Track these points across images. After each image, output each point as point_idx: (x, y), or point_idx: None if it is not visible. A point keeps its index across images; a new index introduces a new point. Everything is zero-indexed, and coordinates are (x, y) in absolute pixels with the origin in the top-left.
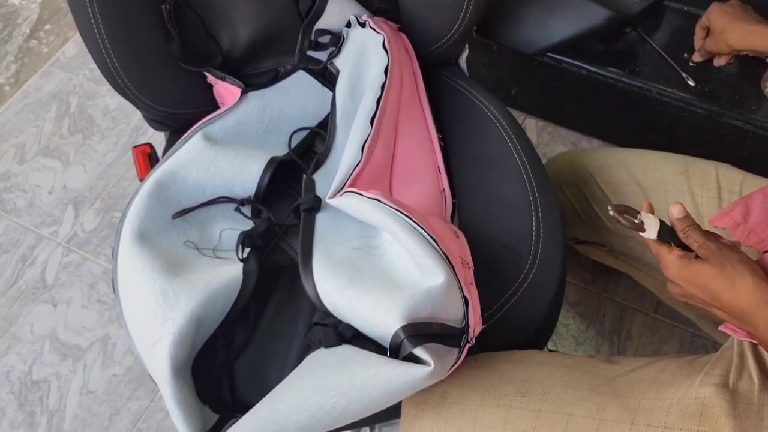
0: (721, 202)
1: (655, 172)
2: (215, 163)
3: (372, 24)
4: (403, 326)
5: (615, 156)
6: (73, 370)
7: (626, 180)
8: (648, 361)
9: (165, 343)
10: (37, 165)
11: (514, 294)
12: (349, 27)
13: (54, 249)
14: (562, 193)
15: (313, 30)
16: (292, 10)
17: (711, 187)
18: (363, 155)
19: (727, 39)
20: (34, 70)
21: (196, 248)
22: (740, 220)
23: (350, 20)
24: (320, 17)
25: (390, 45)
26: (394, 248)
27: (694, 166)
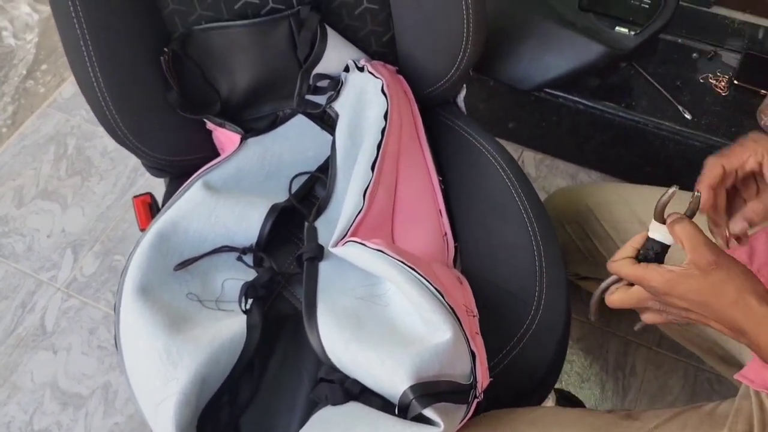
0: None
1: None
2: (216, 212)
3: (370, 68)
4: (412, 386)
5: (615, 192)
6: (75, 419)
7: (627, 217)
8: (669, 415)
9: (169, 403)
10: (35, 208)
11: (520, 341)
12: (347, 71)
13: (53, 294)
14: (563, 230)
15: (311, 75)
16: (291, 56)
17: None
18: (365, 202)
19: None
20: (31, 111)
21: (198, 300)
22: (746, 261)
23: (348, 64)
24: (319, 62)
25: (389, 89)
26: (398, 297)
27: None
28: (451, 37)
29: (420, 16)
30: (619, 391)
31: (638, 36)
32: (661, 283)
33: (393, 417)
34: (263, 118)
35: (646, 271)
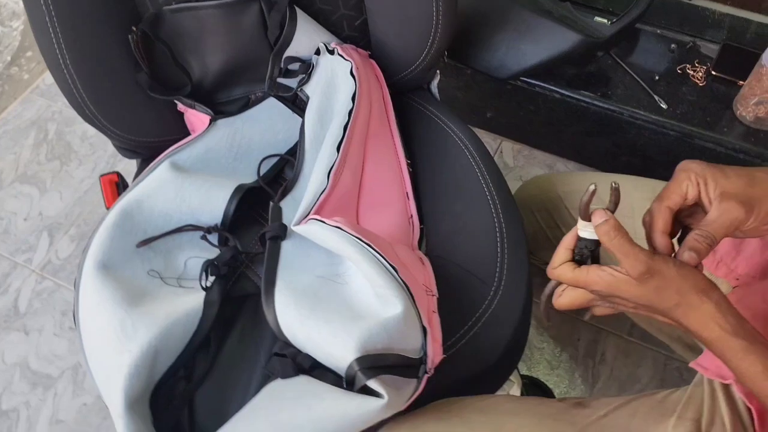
0: None
1: (624, 200)
2: (182, 192)
3: (340, 51)
4: (358, 358)
5: (586, 180)
6: (43, 399)
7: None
8: (620, 402)
9: (120, 375)
10: (13, 192)
11: (478, 320)
12: (318, 54)
13: (28, 276)
14: (533, 217)
15: (282, 58)
16: (261, 38)
17: None
18: (329, 182)
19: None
20: (14, 97)
21: (159, 277)
22: None
23: (319, 47)
24: (289, 45)
25: (358, 72)
26: (358, 276)
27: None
28: (421, 21)
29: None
30: (588, 379)
31: (614, 25)
32: (604, 287)
33: (340, 389)
34: (235, 101)
35: (588, 276)
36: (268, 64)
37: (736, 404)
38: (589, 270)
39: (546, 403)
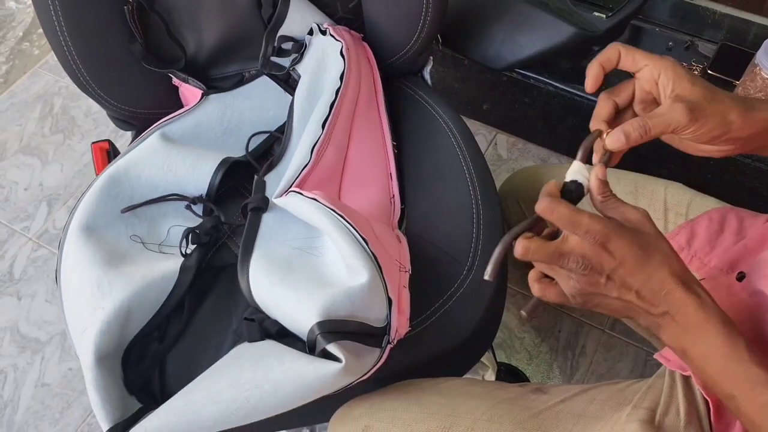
0: (666, 224)
1: None
2: (169, 161)
3: (332, 32)
4: (319, 322)
5: None
6: (31, 362)
7: None
8: (579, 389)
9: (92, 331)
10: (16, 162)
11: (449, 299)
12: (311, 35)
13: (24, 244)
14: (518, 207)
15: (276, 36)
16: (256, 16)
17: (658, 209)
18: (312, 157)
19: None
20: (24, 71)
21: (141, 243)
22: (684, 245)
23: (312, 28)
24: (282, 24)
25: (348, 52)
26: (332, 249)
27: (644, 186)
28: (411, 5)
29: None
30: (566, 370)
31: (609, 19)
32: (597, 231)
33: (301, 353)
34: (229, 77)
35: (582, 215)
36: (262, 42)
37: (694, 395)
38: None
39: (505, 388)
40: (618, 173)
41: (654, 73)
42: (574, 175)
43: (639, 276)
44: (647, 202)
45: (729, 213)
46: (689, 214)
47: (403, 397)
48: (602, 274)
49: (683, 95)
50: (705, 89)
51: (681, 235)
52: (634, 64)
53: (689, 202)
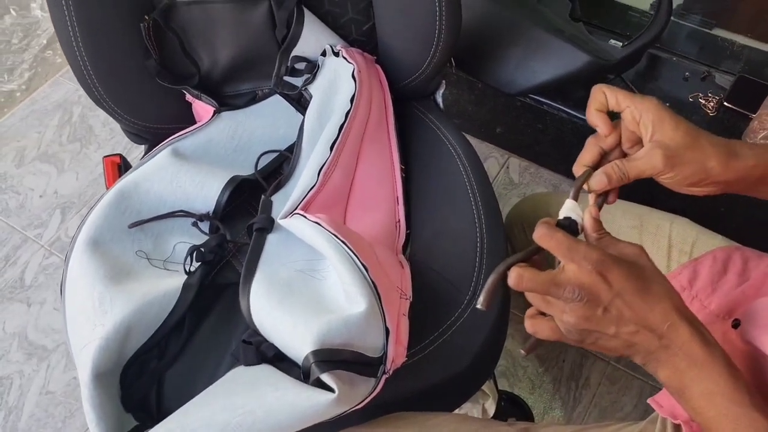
0: (669, 261)
1: (611, 225)
2: (178, 178)
3: (345, 54)
4: (314, 351)
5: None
6: (37, 369)
7: None
8: (570, 430)
9: (91, 347)
10: (33, 169)
11: (449, 328)
12: (324, 56)
13: (37, 251)
14: (524, 235)
15: (290, 56)
16: (270, 36)
17: (662, 245)
18: (319, 179)
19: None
20: (46, 79)
21: (146, 258)
22: (686, 285)
23: (326, 49)
24: (296, 44)
25: (360, 75)
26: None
27: (649, 221)
28: (425, 30)
29: (397, 7)
30: (569, 402)
31: (625, 48)
32: (595, 259)
33: (295, 380)
34: (242, 95)
35: (580, 243)
36: (276, 61)
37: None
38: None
39: (492, 426)
40: (624, 206)
41: (636, 114)
42: (567, 212)
43: (639, 308)
44: (652, 238)
45: (734, 253)
46: (693, 252)
47: (388, 426)
48: (599, 306)
49: (662, 141)
50: (686, 134)
51: (683, 275)
52: (617, 104)
53: (694, 240)
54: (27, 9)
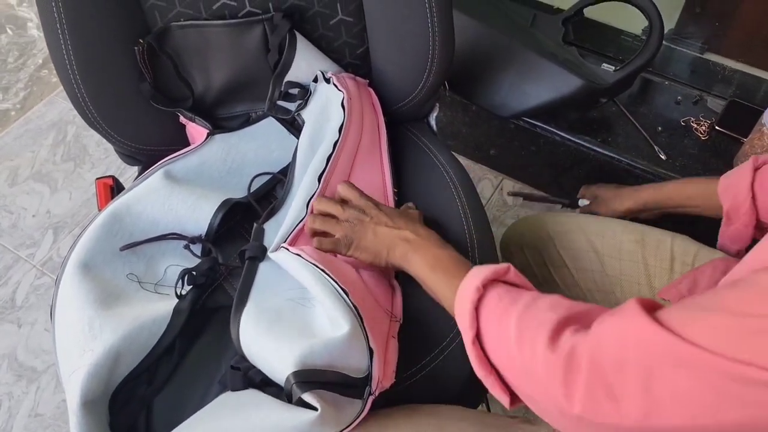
0: (672, 273)
1: (612, 240)
2: (170, 200)
3: (335, 81)
4: (294, 372)
5: (576, 222)
6: (26, 391)
7: (584, 246)
8: None
9: (80, 374)
10: (26, 188)
11: (441, 353)
12: (316, 81)
13: (28, 271)
14: (521, 254)
15: (283, 81)
16: (263, 60)
17: (664, 258)
18: (307, 211)
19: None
20: (41, 98)
21: (138, 281)
22: (685, 293)
23: (317, 75)
24: (288, 70)
25: (350, 102)
26: None
27: (650, 236)
28: (417, 55)
29: (391, 32)
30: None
31: (617, 72)
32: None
33: (279, 402)
34: (236, 118)
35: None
36: (269, 85)
37: None
38: None
39: (493, 416)
40: (624, 224)
41: None
42: None
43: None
44: (654, 251)
45: (732, 263)
46: (695, 264)
47: (395, 414)
48: (367, 215)
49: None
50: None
51: (683, 284)
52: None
53: (696, 253)
54: (23, 28)
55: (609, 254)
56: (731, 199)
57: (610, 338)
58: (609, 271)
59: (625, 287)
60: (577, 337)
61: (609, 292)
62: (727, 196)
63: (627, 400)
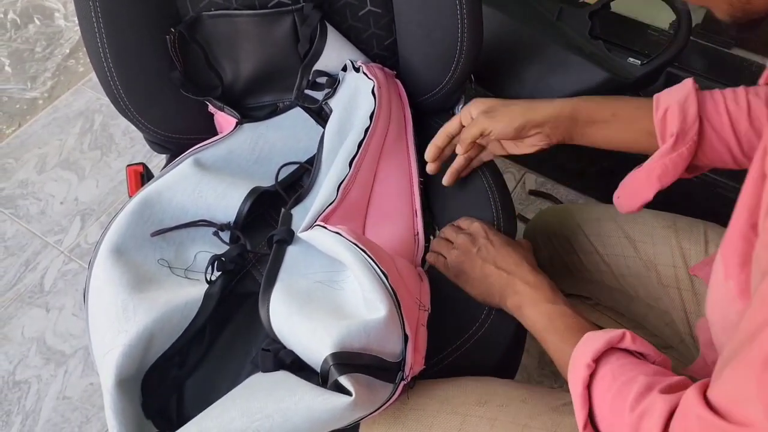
0: (708, 256)
1: (643, 226)
2: (200, 188)
3: (365, 69)
4: (333, 353)
5: (605, 210)
6: (54, 374)
7: (614, 232)
8: None
9: (115, 354)
10: (54, 176)
11: (467, 341)
12: (345, 71)
13: (56, 257)
14: (549, 243)
15: (311, 71)
16: (293, 50)
17: (699, 241)
18: (338, 195)
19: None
20: (68, 87)
21: (168, 267)
22: None
23: (347, 64)
24: (318, 59)
25: (380, 91)
26: (353, 283)
27: (682, 221)
28: (445, 46)
29: (419, 23)
30: None
31: (643, 66)
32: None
33: (312, 385)
34: (264, 107)
35: None
36: (297, 75)
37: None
38: None
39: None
40: (654, 212)
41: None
42: None
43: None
44: (687, 235)
45: None
46: None
47: (441, 381)
48: (475, 245)
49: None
50: (501, 101)
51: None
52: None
53: None
54: (51, 18)
55: (641, 239)
56: (681, 119)
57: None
58: (643, 256)
59: (661, 271)
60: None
61: (644, 276)
62: (674, 116)
63: None
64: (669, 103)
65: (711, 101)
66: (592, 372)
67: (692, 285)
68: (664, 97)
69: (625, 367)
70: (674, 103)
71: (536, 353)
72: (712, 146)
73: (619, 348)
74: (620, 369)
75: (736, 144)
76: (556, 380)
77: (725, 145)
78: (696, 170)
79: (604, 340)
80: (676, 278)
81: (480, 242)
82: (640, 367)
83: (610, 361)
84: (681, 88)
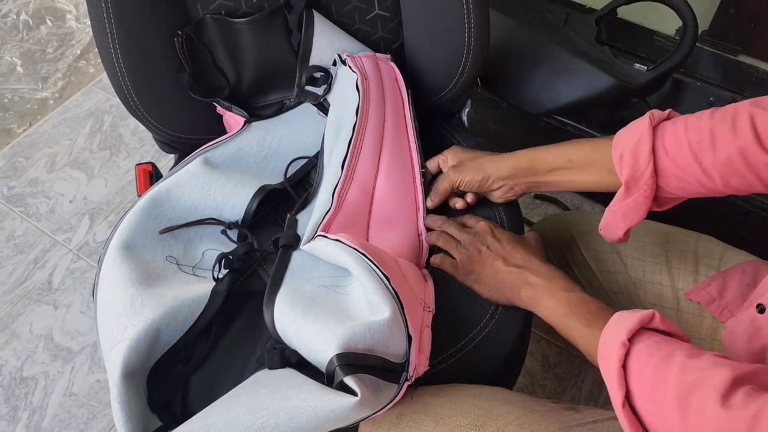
0: (697, 275)
1: (635, 242)
2: (209, 186)
3: (349, 62)
4: (338, 354)
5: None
6: (61, 371)
7: (607, 248)
8: (613, 415)
9: (122, 347)
10: (64, 175)
11: (470, 341)
12: (335, 65)
13: (65, 255)
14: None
15: (308, 65)
16: (288, 46)
17: (689, 260)
18: (333, 202)
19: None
20: (78, 87)
21: (176, 264)
22: (716, 296)
23: (335, 58)
24: (311, 51)
25: (365, 83)
26: (357, 288)
27: (674, 238)
28: (452, 50)
29: (427, 28)
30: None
31: (649, 72)
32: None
33: (318, 384)
34: (270, 106)
35: None
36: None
37: None
38: None
39: (538, 401)
40: (649, 225)
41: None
42: None
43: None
44: (678, 253)
45: (762, 267)
46: (721, 267)
47: (440, 393)
48: (484, 244)
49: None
50: (470, 154)
51: (713, 287)
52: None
53: (721, 255)
54: (62, 19)
55: (632, 255)
56: (631, 166)
57: None
58: (632, 273)
59: (647, 289)
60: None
61: (633, 294)
62: (625, 162)
63: None
64: (623, 150)
65: (672, 135)
66: (627, 351)
67: (678, 304)
68: (621, 138)
69: (659, 344)
70: (626, 150)
71: (540, 356)
72: (679, 180)
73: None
74: (655, 345)
75: (703, 175)
76: (559, 383)
77: (694, 178)
78: (671, 201)
79: (636, 319)
80: (661, 297)
81: (488, 240)
82: (674, 343)
83: (642, 338)
84: (636, 129)
